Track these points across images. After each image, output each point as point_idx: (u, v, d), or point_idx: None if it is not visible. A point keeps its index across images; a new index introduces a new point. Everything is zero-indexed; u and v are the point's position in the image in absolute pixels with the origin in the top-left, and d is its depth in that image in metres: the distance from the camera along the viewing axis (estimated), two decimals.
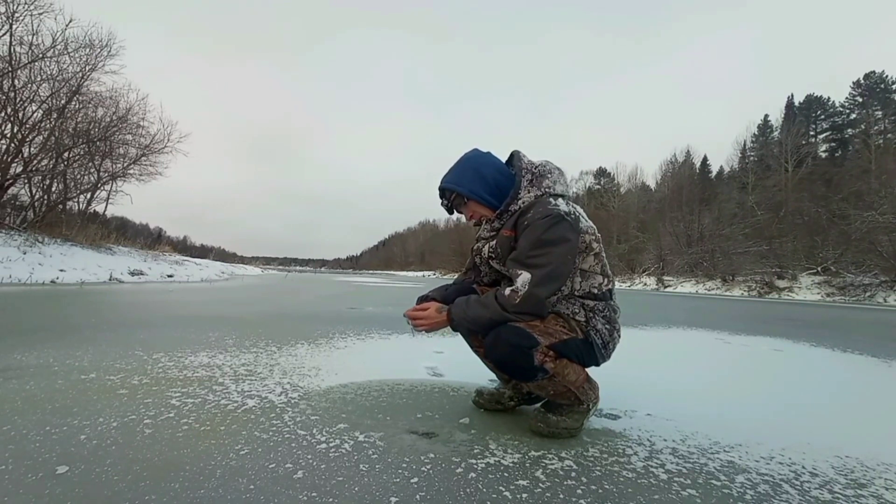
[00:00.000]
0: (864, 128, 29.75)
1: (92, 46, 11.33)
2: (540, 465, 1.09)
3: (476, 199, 1.35)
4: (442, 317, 1.34)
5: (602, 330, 1.29)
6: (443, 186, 1.40)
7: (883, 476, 1.12)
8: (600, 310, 1.31)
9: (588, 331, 1.28)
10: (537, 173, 1.35)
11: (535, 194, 1.32)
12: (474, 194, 1.35)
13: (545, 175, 1.34)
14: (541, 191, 1.32)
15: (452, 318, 1.32)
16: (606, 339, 1.30)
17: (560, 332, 1.26)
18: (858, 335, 4.32)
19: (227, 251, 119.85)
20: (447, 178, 1.39)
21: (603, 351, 1.31)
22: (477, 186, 1.35)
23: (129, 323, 3.18)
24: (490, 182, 1.35)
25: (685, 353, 2.94)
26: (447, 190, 1.39)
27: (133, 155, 13.74)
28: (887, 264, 15.97)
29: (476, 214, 1.41)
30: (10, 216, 11.10)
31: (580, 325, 1.29)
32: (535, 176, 1.34)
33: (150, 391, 1.54)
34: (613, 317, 1.33)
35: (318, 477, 0.97)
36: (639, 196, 41.45)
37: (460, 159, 1.41)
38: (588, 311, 1.30)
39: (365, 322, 3.74)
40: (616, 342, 1.34)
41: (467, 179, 1.36)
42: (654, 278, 25.99)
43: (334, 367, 2.03)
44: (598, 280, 1.32)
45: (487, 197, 1.35)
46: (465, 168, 1.38)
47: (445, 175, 1.41)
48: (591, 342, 1.28)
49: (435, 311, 1.35)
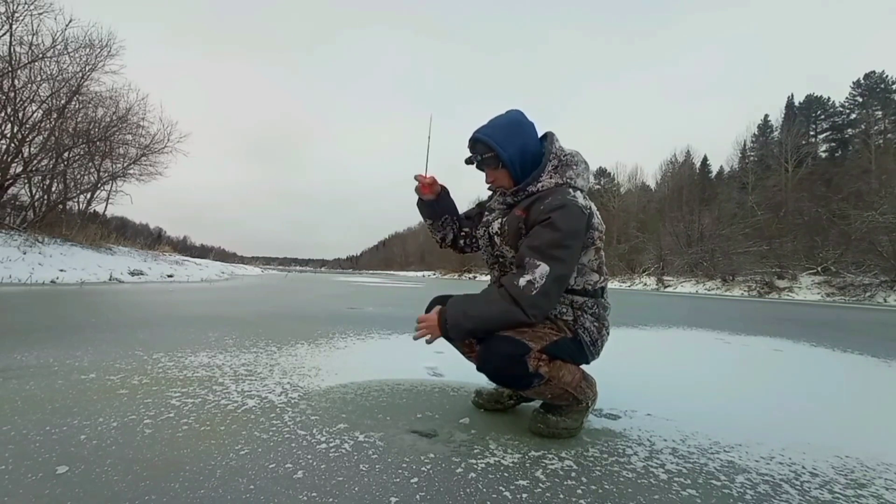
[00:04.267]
0: (864, 128, 29.78)
1: (92, 46, 11.33)
2: (540, 465, 1.09)
3: (510, 168, 1.28)
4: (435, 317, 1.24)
5: (590, 328, 1.27)
6: (482, 139, 1.27)
7: (883, 476, 1.12)
8: (589, 307, 1.28)
9: (576, 329, 1.26)
10: (564, 161, 1.29)
11: (556, 181, 1.26)
12: (512, 164, 1.27)
13: (571, 165, 1.29)
14: (563, 180, 1.27)
15: (446, 318, 1.21)
16: (595, 336, 1.28)
17: (549, 334, 1.23)
18: (858, 335, 4.32)
19: (227, 251, 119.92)
20: (488, 133, 1.28)
21: (592, 348, 1.29)
22: (516, 156, 1.27)
23: (129, 323, 3.18)
24: (527, 156, 1.28)
25: (685, 353, 2.94)
26: (484, 144, 1.27)
27: (133, 155, 13.74)
28: (887, 264, 15.97)
29: (498, 181, 1.33)
30: (10, 216, 11.09)
31: (568, 324, 1.27)
32: (561, 163, 1.28)
33: (150, 391, 1.54)
34: (603, 314, 1.31)
35: (318, 477, 0.97)
36: (639, 196, 41.45)
37: (507, 118, 1.31)
38: (576, 309, 1.27)
39: (365, 322, 3.74)
40: (605, 339, 1.32)
41: (511, 144, 1.27)
42: (654, 278, 25.99)
43: (334, 367, 2.03)
44: (594, 278, 1.30)
45: (518, 170, 1.28)
46: (511, 131, 1.28)
47: (484, 127, 1.29)
48: (579, 340, 1.26)
49: (436, 315, 1.26)
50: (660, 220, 31.40)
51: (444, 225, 1.52)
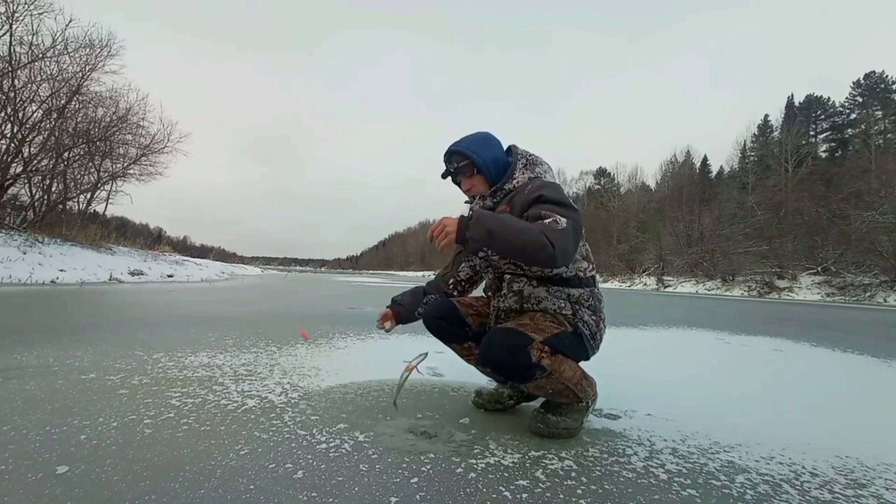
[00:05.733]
0: (864, 128, 29.74)
1: (92, 46, 11.35)
2: (540, 465, 1.09)
3: (485, 172, 1.38)
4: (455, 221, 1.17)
5: (589, 321, 1.30)
6: (458, 149, 1.38)
7: (883, 476, 1.12)
8: (585, 299, 1.31)
9: (576, 322, 1.29)
10: (531, 160, 1.41)
11: (528, 175, 1.37)
12: (486, 167, 1.38)
13: (537, 164, 1.41)
14: (534, 174, 1.38)
15: (470, 216, 1.15)
16: (594, 329, 1.31)
17: (550, 327, 1.26)
18: (858, 335, 4.32)
19: (227, 251, 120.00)
20: (462, 143, 1.39)
21: (592, 342, 1.32)
22: (489, 161, 1.38)
23: (129, 323, 3.18)
24: (499, 161, 1.40)
25: (685, 353, 2.94)
26: (460, 154, 1.38)
27: (133, 155, 13.76)
28: (887, 264, 15.97)
29: (474, 188, 1.41)
30: (10, 216, 11.10)
31: (567, 318, 1.29)
32: (528, 162, 1.40)
33: (150, 391, 1.54)
34: (598, 306, 1.34)
35: (318, 477, 0.97)
36: (639, 196, 41.45)
37: (477, 134, 1.43)
38: (573, 303, 1.30)
39: (365, 322, 3.74)
40: (603, 332, 1.36)
41: (483, 151, 1.38)
42: (654, 278, 25.99)
43: (334, 367, 2.03)
44: (584, 265, 1.35)
45: (493, 174, 1.39)
46: (480, 141, 1.41)
47: (458, 141, 1.41)
48: (580, 334, 1.29)
49: (457, 218, 1.19)
50: (660, 220, 31.39)
51: (427, 302, 1.58)
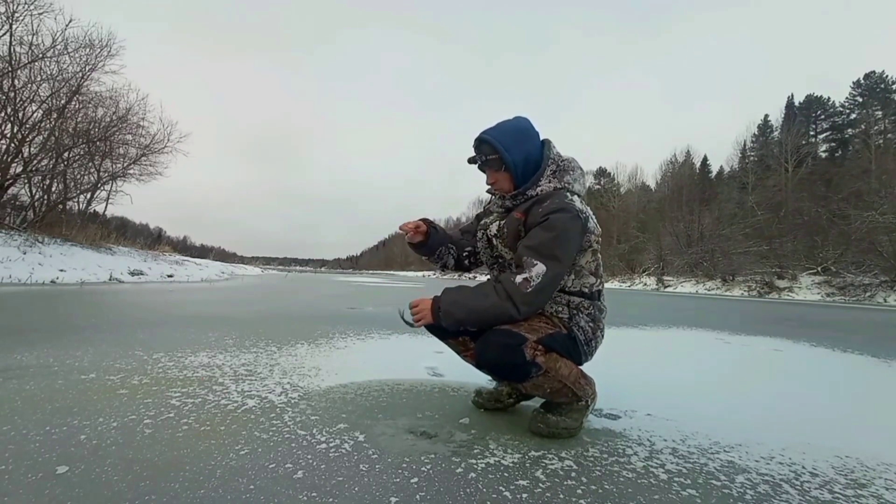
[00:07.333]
0: (864, 128, 29.73)
1: (92, 46, 11.34)
2: (540, 465, 1.09)
3: (513, 172, 1.30)
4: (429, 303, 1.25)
5: (585, 327, 1.30)
6: (488, 140, 1.29)
7: (883, 476, 1.12)
8: (585, 307, 1.31)
9: (571, 326, 1.29)
10: (562, 167, 1.33)
11: (554, 186, 1.30)
12: (515, 167, 1.30)
13: (568, 171, 1.33)
14: (560, 184, 1.31)
15: (439, 306, 1.23)
16: (589, 336, 1.31)
17: (544, 327, 1.26)
18: (858, 335, 4.32)
19: (227, 251, 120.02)
20: (496, 135, 1.30)
21: (585, 348, 1.31)
22: (520, 161, 1.30)
23: (129, 323, 3.18)
24: (529, 163, 1.32)
25: (685, 353, 2.93)
26: (490, 146, 1.30)
27: (133, 155, 13.75)
28: (887, 264, 15.97)
29: (498, 184, 1.35)
30: (10, 216, 11.09)
31: (563, 321, 1.30)
32: (559, 168, 1.33)
33: (150, 391, 1.54)
34: (598, 316, 1.34)
35: (318, 477, 0.97)
36: (639, 196, 41.41)
37: (514, 123, 1.34)
38: (572, 308, 1.31)
39: (365, 322, 3.74)
40: (599, 341, 1.35)
41: (517, 150, 1.30)
42: (654, 278, 25.99)
43: (334, 367, 2.03)
44: (591, 280, 1.33)
45: (520, 175, 1.31)
46: (517, 137, 1.31)
47: (491, 129, 1.32)
48: (573, 337, 1.29)
49: (430, 301, 1.27)
50: (660, 220, 31.37)
51: (441, 255, 1.56)
